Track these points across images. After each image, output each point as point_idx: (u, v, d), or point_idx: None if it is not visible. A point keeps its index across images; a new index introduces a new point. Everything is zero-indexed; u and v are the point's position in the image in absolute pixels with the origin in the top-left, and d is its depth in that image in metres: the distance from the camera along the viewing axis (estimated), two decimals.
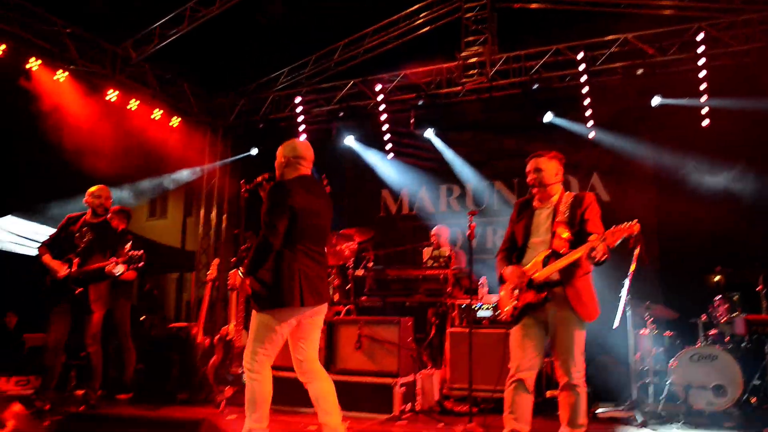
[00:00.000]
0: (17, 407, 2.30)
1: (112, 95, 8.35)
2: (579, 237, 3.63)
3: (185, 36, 8.34)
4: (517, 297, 3.69)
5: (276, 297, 3.53)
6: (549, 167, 3.79)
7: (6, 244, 7.82)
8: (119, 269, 4.95)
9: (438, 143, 9.15)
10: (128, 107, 8.62)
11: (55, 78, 7.67)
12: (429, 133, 9.15)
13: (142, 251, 5.01)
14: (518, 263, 3.76)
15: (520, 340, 3.67)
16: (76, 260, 5.13)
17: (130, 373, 6.26)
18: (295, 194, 3.59)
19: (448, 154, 9.09)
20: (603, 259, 3.44)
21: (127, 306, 6.45)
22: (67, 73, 7.81)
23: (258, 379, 3.59)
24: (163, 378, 6.71)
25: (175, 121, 9.48)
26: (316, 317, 3.74)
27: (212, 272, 6.51)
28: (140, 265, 4.96)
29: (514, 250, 3.86)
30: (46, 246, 5.30)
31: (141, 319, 7.05)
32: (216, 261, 6.62)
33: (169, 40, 8.37)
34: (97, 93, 8.24)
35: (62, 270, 5.11)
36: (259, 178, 3.88)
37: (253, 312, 3.63)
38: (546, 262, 3.62)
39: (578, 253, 3.50)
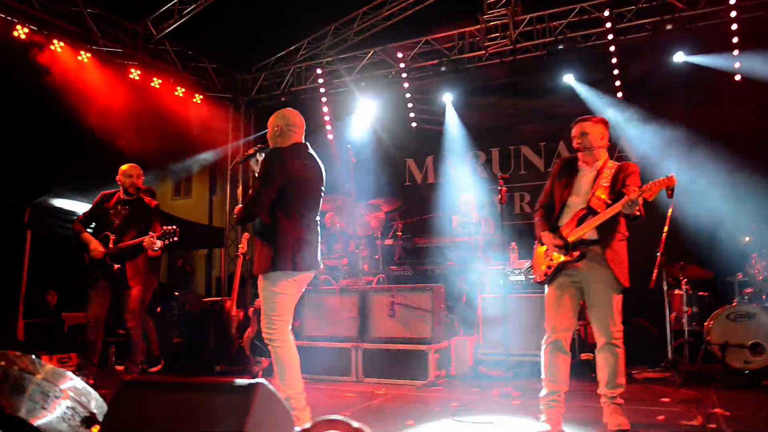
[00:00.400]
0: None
1: (134, 74, 8.40)
2: (617, 200, 3.59)
3: (204, 12, 8.31)
4: (551, 257, 3.68)
5: (272, 262, 3.58)
6: (594, 131, 3.74)
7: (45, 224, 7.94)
8: (157, 244, 5.02)
9: (452, 111, 9.03)
10: (151, 85, 8.67)
11: (79, 58, 7.72)
12: (446, 99, 9.04)
13: (175, 226, 5.07)
14: (556, 222, 3.73)
15: (555, 301, 3.66)
16: (112, 237, 5.20)
17: (155, 346, 6.39)
18: (290, 162, 3.62)
19: (469, 120, 8.98)
20: (638, 214, 3.41)
21: (153, 281, 6.56)
22: (89, 54, 7.86)
23: (281, 345, 3.60)
24: (199, 351, 6.85)
25: (198, 98, 9.50)
26: (303, 283, 3.78)
27: (243, 246, 6.57)
28: (175, 239, 5.01)
29: (553, 207, 3.83)
30: (81, 222, 5.38)
31: (175, 294, 7.17)
32: (246, 235, 6.68)
33: (188, 16, 8.35)
34: (121, 72, 8.29)
35: (97, 249, 5.19)
36: (252, 150, 3.86)
37: (259, 282, 3.68)
38: (581, 220, 3.59)
39: (615, 209, 3.46)
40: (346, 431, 1.61)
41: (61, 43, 7.54)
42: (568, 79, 8.20)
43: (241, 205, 3.68)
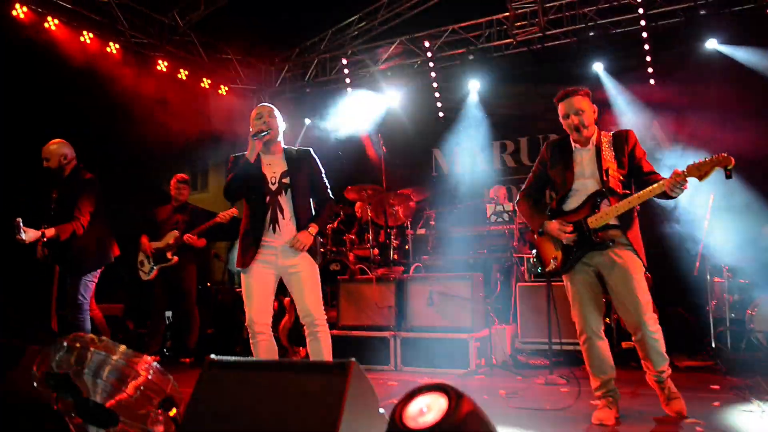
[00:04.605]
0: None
1: (161, 65, 8.39)
2: (632, 177, 3.45)
3: (229, 3, 8.27)
4: (564, 246, 3.46)
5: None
6: (588, 106, 3.44)
7: None
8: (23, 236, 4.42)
9: (479, 100, 8.96)
10: (178, 77, 8.66)
11: (107, 50, 7.72)
12: (473, 88, 8.96)
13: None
14: (560, 208, 3.50)
15: (577, 294, 3.47)
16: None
17: (194, 338, 6.38)
18: None
19: (497, 109, 8.91)
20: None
21: (194, 272, 6.54)
22: (118, 45, 7.85)
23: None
24: (232, 341, 6.85)
25: (223, 89, 9.49)
26: None
27: None
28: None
29: (541, 194, 3.67)
30: None
31: (207, 285, 7.17)
32: None
33: (213, 7, 8.31)
34: (148, 64, 8.28)
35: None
36: (264, 129, 3.71)
37: (311, 267, 3.71)
38: (597, 203, 3.36)
39: (655, 190, 3.21)
40: (452, 395, 1.57)
41: (90, 35, 7.54)
42: (598, 66, 8.10)
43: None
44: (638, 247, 3.36)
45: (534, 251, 3.67)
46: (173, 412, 2.21)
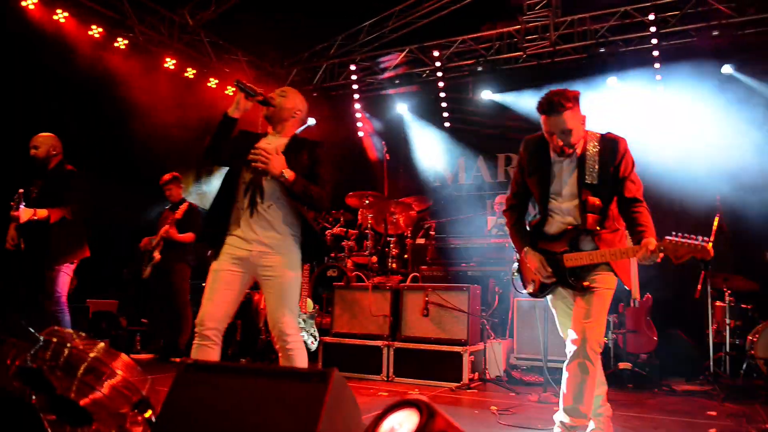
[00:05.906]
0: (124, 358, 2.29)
1: (169, 63, 8.36)
2: (610, 200, 3.05)
3: (240, 3, 8.25)
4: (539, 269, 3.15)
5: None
6: (576, 122, 2.95)
7: None
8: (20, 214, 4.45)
9: (485, 112, 8.90)
10: (185, 75, 8.64)
11: (116, 45, 7.70)
12: (481, 99, 8.88)
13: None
14: (539, 230, 3.16)
15: (558, 317, 3.29)
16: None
17: (185, 338, 6.32)
18: None
19: (503, 121, 8.84)
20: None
21: (186, 271, 6.48)
22: (126, 41, 7.84)
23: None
24: (225, 343, 6.76)
25: (230, 90, 9.46)
26: None
27: None
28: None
29: (526, 204, 3.30)
30: None
31: (203, 285, 7.08)
32: None
33: (225, 7, 8.30)
34: (156, 61, 8.25)
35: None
36: (260, 92, 3.20)
37: (290, 273, 3.11)
38: (574, 241, 3.02)
39: (626, 255, 2.93)
40: (425, 412, 1.50)
41: (99, 29, 7.52)
42: (609, 81, 8.03)
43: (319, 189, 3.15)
44: (620, 271, 3.02)
45: (516, 266, 3.42)
46: (149, 413, 2.15)
